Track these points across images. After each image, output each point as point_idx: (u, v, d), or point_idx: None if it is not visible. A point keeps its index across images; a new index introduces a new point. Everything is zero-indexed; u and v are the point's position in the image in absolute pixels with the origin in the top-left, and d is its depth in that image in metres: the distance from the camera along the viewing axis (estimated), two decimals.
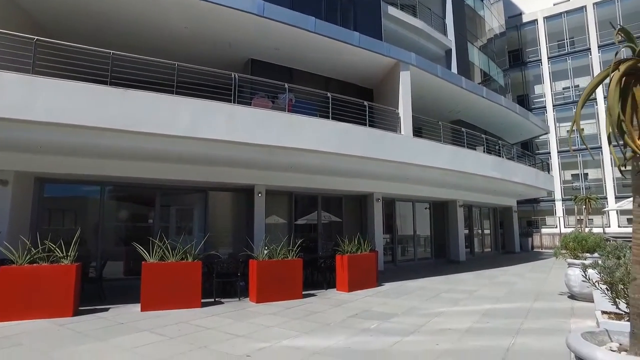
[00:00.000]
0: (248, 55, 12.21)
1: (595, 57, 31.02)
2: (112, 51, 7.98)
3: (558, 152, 32.47)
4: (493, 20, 27.82)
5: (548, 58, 33.94)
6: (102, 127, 7.27)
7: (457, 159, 13.23)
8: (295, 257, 8.92)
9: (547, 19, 34.09)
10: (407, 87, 12.78)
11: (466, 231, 20.20)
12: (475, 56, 23.75)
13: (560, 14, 33.42)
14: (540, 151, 33.04)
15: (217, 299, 8.47)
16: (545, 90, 33.84)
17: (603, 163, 30.12)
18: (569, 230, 21.49)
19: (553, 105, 33.27)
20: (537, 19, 34.59)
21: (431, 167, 12.32)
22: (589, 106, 29.19)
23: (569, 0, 33.35)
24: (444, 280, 11.82)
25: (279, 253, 8.76)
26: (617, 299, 3.63)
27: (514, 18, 35.09)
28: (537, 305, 8.05)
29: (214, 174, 10.82)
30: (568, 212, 31.12)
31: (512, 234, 24.40)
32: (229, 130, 8.51)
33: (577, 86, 32.16)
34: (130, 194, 11.39)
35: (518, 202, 25.57)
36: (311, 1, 13.72)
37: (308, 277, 10.63)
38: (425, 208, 18.51)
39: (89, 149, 8.51)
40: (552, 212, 32.38)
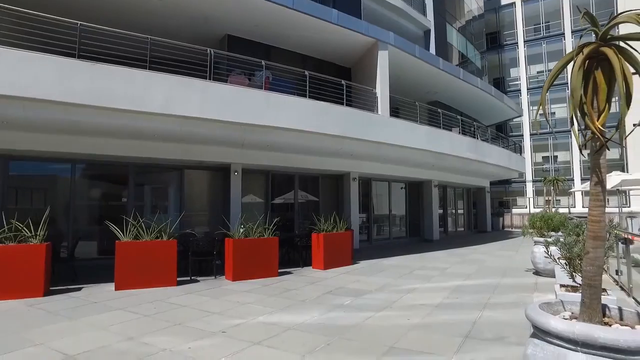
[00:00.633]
0: (225, 31, 11.91)
1: (569, 42, 31.58)
2: (79, 22, 7.64)
3: (530, 135, 33.28)
4: (472, 1, 27.84)
5: (524, 42, 34.35)
6: (70, 102, 7.01)
7: (433, 140, 13.42)
8: (272, 235, 8.98)
9: (524, 2, 34.32)
10: (384, 66, 12.77)
11: (440, 211, 20.67)
12: (454, 37, 23.81)
13: None
14: (514, 133, 33.78)
15: (193, 277, 8.49)
16: (521, 73, 34.38)
17: (572, 146, 31.09)
18: (538, 210, 22.29)
19: (527, 89, 33.89)
20: (515, 2, 34.77)
21: (407, 147, 12.46)
22: (560, 90, 29.82)
23: None
24: (417, 258, 12.15)
25: (255, 231, 8.80)
26: (574, 273, 3.83)
27: (492, 0, 35.20)
28: (505, 281, 8.39)
29: (190, 152, 10.65)
30: (538, 193, 32.16)
31: (484, 214, 25.14)
32: (204, 108, 8.36)
33: (551, 70, 32.77)
34: (103, 172, 11.12)
35: (491, 183, 26.26)
36: None
37: (284, 256, 10.75)
38: (401, 188, 18.80)
39: (57, 125, 8.21)
40: (522, 193, 33.40)
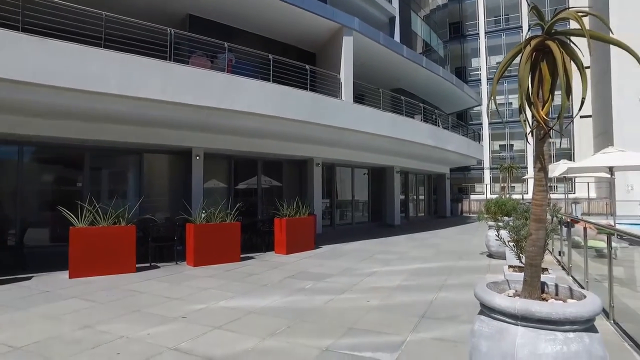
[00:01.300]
0: (186, 10, 11.50)
1: (526, 35, 32.75)
2: None
3: (489, 124, 34.50)
4: None
5: (485, 33, 35.30)
6: (15, 79, 6.56)
7: (395, 127, 13.66)
8: (234, 220, 8.93)
9: None
10: (349, 52, 12.80)
11: (402, 197, 21.20)
12: (418, 26, 24.11)
13: None
14: (474, 122, 34.91)
15: (153, 264, 8.34)
16: (481, 63, 35.40)
17: (526, 135, 32.49)
18: (494, 196, 23.30)
19: (487, 79, 34.97)
20: None
21: (370, 134, 12.63)
22: (516, 81, 30.96)
23: None
24: (378, 243, 12.45)
25: (217, 217, 8.71)
26: (520, 254, 4.08)
27: None
28: (460, 263, 8.78)
29: (149, 135, 10.31)
30: (495, 179, 33.53)
31: (444, 200, 26.01)
32: (164, 90, 8.09)
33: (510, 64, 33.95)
34: (55, 155, 10.57)
35: (451, 170, 27.13)
36: None
37: (247, 241, 10.72)
38: (364, 174, 19.09)
39: (1, 104, 7.70)
40: (481, 180, 34.73)
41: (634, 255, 5.21)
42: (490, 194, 31.62)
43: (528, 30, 2.58)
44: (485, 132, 34.32)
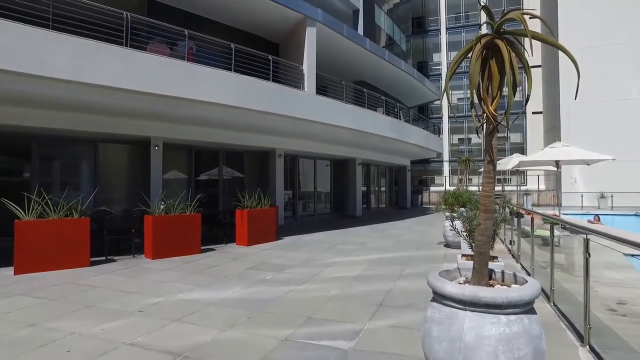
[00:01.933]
0: None
1: (484, 32, 33.87)
2: None
3: (449, 118, 35.56)
4: None
5: (446, 29, 36.17)
6: None
7: (357, 119, 13.80)
8: (194, 212, 8.77)
9: None
10: (312, 43, 12.76)
11: (364, 188, 21.54)
12: (382, 19, 24.39)
13: None
14: (434, 116, 35.85)
15: (109, 257, 8.06)
16: (442, 58, 36.30)
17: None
18: (452, 188, 24.12)
19: (454, 73, 35.87)
20: None
21: (333, 125, 12.70)
22: None
23: None
24: (340, 234, 12.62)
25: (176, 208, 8.53)
26: (472, 243, 4.27)
27: None
28: (418, 253, 9.07)
29: (105, 124, 9.87)
30: (453, 172, 34.70)
31: (405, 191, 26.65)
32: (120, 77, 7.74)
33: (468, 58, 35.09)
34: None
35: (412, 162, 27.80)
36: None
37: (208, 232, 10.55)
38: (327, 165, 19.22)
39: None
40: (440, 172, 35.83)
41: (573, 243, 5.57)
42: (449, 185, 32.71)
43: (479, 29, 2.70)
44: (445, 125, 35.34)
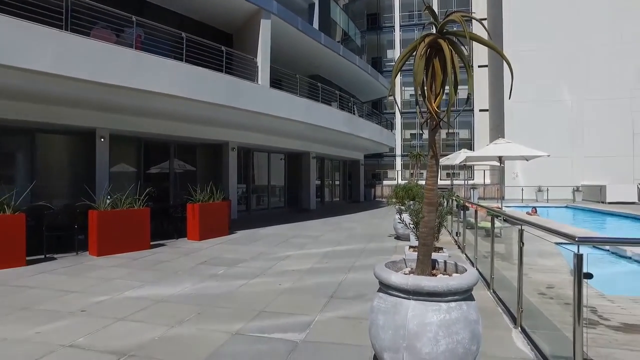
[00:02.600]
0: None
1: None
2: None
3: (401, 113, 36.49)
4: None
5: (400, 26, 36.97)
6: None
7: (311, 113, 13.85)
8: (143, 206, 8.46)
9: None
10: (267, 36, 12.61)
11: (318, 182, 21.71)
12: (337, 14, 24.47)
13: None
14: (388, 111, 36.63)
15: (48, 255, 7.60)
16: (396, 55, 37.09)
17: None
18: (404, 182, 24.87)
19: (400, 70, 36.71)
20: None
21: (287, 119, 12.67)
22: None
23: None
24: (294, 227, 12.66)
25: (124, 202, 8.18)
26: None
27: None
28: (370, 246, 9.29)
29: (43, 113, 9.22)
30: (405, 166, 35.71)
31: (358, 185, 27.14)
32: (59, 62, 7.23)
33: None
34: None
35: (365, 156, 28.32)
36: None
37: (158, 227, 10.25)
38: (281, 159, 19.17)
39: None
40: (393, 166, 36.75)
41: (512, 234, 5.95)
42: (401, 179, 33.66)
43: (423, 28, 2.83)
44: (398, 121, 36.24)
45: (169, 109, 10.12)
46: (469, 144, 32.58)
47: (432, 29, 2.89)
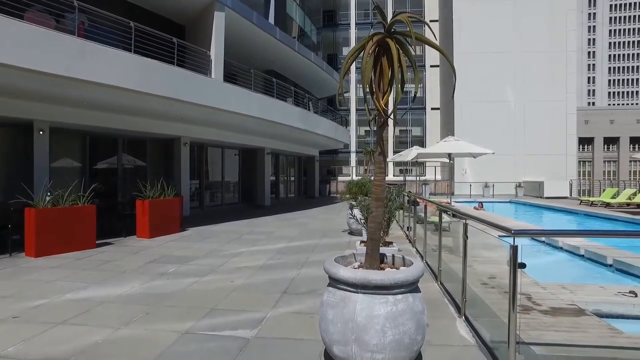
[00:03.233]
0: None
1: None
2: None
3: (356, 110, 37.02)
4: None
5: (355, 24, 37.42)
6: None
7: (266, 108, 13.72)
8: (89, 203, 8.04)
9: None
10: (220, 28, 12.32)
11: (273, 178, 21.58)
12: (293, 9, 24.31)
13: None
14: (343, 108, 37.01)
15: None
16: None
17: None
18: (358, 178, 25.30)
19: (356, 67, 37.26)
20: None
21: (240, 114, 12.47)
22: None
23: None
24: (247, 224, 12.54)
25: (66, 200, 7.73)
26: None
27: None
28: (323, 241, 9.37)
29: None
30: (360, 162, 36.29)
31: (313, 181, 27.27)
32: None
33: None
34: None
35: (320, 153, 28.47)
36: None
37: (106, 225, 9.76)
38: (235, 155, 18.87)
39: None
40: (347, 162, 37.24)
41: (459, 228, 6.23)
42: (356, 176, 34.17)
43: (371, 27, 2.89)
44: (353, 117, 36.75)
45: (116, 101, 9.64)
46: (421, 141, 33.65)
47: (382, 29, 2.95)
